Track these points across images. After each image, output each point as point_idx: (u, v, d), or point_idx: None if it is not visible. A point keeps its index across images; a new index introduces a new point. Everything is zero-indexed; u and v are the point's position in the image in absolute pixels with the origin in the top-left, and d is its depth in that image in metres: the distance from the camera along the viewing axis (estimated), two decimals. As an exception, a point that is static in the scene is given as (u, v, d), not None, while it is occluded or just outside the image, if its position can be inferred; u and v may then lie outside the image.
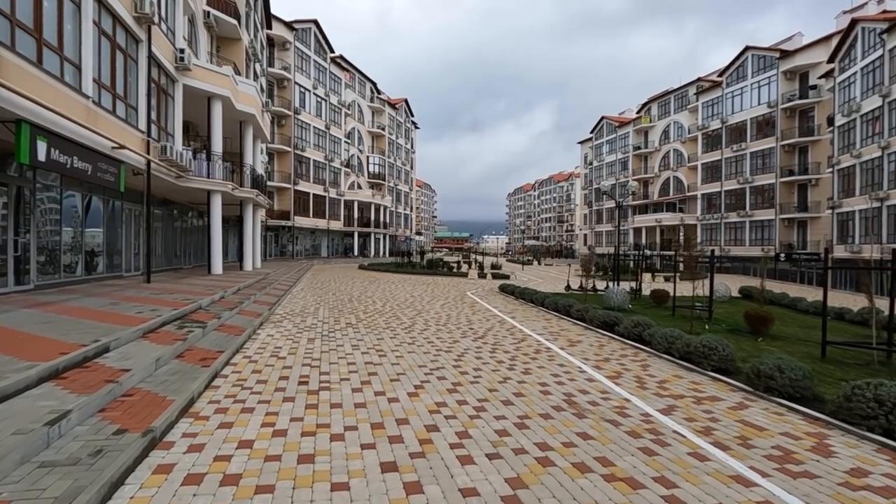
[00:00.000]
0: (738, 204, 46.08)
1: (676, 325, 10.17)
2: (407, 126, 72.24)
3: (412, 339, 8.58)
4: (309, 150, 44.75)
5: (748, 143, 44.86)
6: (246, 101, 19.61)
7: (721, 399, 5.43)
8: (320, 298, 14.57)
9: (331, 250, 51.25)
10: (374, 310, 12.29)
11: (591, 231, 72.63)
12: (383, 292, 17.15)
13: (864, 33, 32.14)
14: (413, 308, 12.92)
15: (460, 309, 13.04)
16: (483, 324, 10.47)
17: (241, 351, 7.07)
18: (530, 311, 13.00)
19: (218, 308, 9.58)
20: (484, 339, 8.78)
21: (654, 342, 7.74)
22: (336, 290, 17.25)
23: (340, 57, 51.45)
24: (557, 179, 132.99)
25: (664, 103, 58.31)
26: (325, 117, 47.53)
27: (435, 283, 22.86)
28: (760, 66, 43.87)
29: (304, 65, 44.37)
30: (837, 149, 35.23)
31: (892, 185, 28.97)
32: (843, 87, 34.55)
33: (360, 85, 57.83)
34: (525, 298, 14.85)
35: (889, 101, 29.13)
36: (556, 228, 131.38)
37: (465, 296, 16.85)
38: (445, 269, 31.70)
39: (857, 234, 32.74)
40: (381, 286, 19.77)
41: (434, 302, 14.58)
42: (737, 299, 17.05)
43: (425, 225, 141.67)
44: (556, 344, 8.41)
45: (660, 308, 13.64)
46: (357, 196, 52.58)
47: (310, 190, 44.97)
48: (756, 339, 8.99)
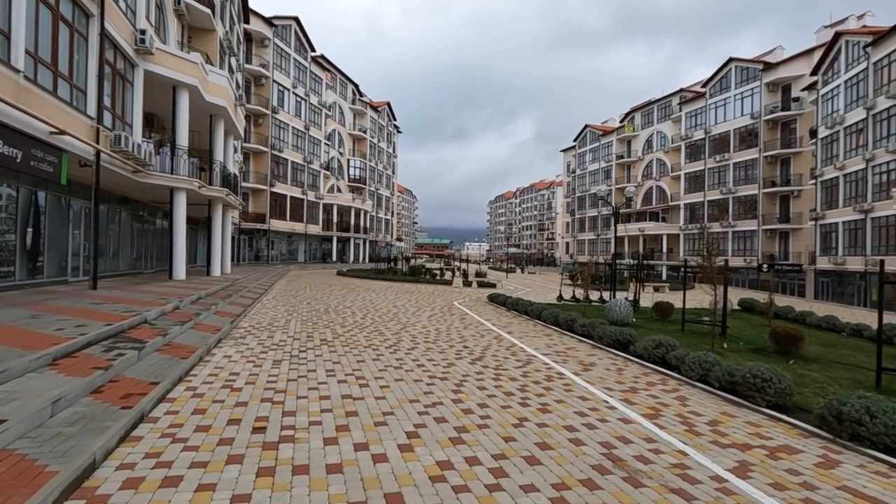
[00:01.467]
0: (721, 214, 46.05)
1: (689, 342, 9.11)
2: (389, 130, 70.92)
3: (399, 361, 7.25)
4: (287, 150, 43.01)
5: (731, 154, 44.95)
6: (216, 93, 18.05)
7: (798, 450, 4.27)
8: (293, 309, 13.10)
9: (308, 255, 49.37)
10: (354, 323, 10.91)
11: (574, 239, 72.30)
12: (363, 302, 15.75)
13: (847, 46, 32.29)
14: (397, 321, 11.57)
15: (450, 322, 11.75)
16: (478, 340, 9.21)
17: (185, 380, 5.63)
18: (527, 324, 11.79)
19: (167, 322, 8.09)
20: (482, 360, 7.52)
21: (684, 368, 6.59)
22: (311, 299, 15.77)
23: (322, 57, 49.93)
24: (539, 188, 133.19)
25: (647, 113, 58.42)
26: (304, 118, 45.87)
27: (418, 291, 21.53)
28: (743, 78, 44.08)
29: (283, 63, 42.73)
30: (820, 160, 35.30)
31: (877, 198, 28.92)
32: (826, 99, 34.67)
33: (342, 86, 56.34)
34: (518, 310, 13.65)
35: (874, 113, 29.17)
36: (537, 236, 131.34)
37: (452, 306, 15.57)
38: (428, 276, 30.39)
39: (841, 245, 32.68)
40: (361, 295, 18.35)
41: (420, 313, 13.27)
42: (737, 312, 16.19)
43: (406, 231, 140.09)
44: (567, 368, 7.19)
45: (664, 322, 12.62)
46: (337, 200, 50.92)
47: (287, 192, 43.18)
48: (787, 360, 7.96)
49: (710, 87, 47.45)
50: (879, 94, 28.61)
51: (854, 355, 8.83)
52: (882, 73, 28.71)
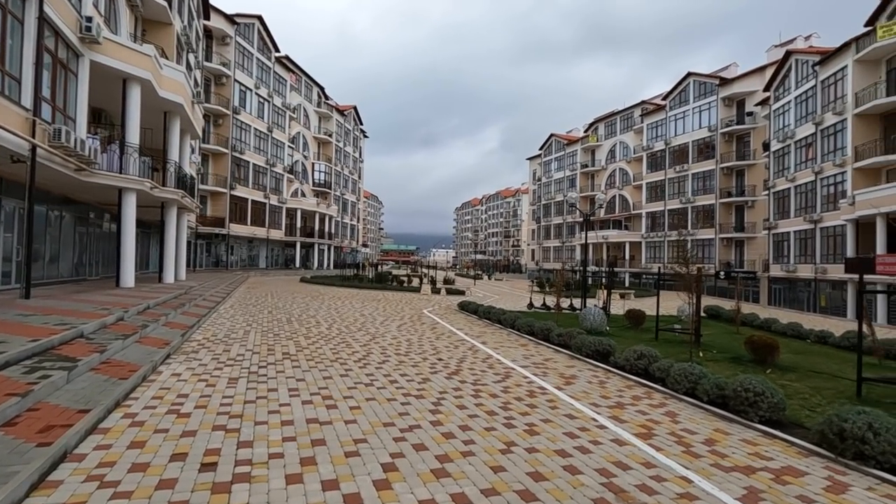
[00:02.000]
0: (681, 223, 47.49)
1: (665, 351, 8.95)
2: (356, 134, 69.89)
3: (369, 377, 6.69)
4: (248, 152, 41.49)
5: (690, 165, 46.49)
6: (171, 88, 16.97)
7: (803, 472, 4.01)
8: (253, 318, 12.26)
9: (270, 261, 47.71)
10: (319, 334, 10.23)
11: (539, 246, 73.09)
12: (329, 310, 15.02)
13: (797, 65, 33.97)
14: (365, 331, 10.96)
15: (421, 332, 11.24)
16: (452, 352, 8.75)
17: (123, 405, 4.90)
18: (500, 334, 11.42)
19: (108, 336, 7.23)
20: (459, 374, 7.05)
21: (669, 380, 6.34)
22: (273, 308, 14.91)
23: (286, 57, 48.63)
24: (505, 195, 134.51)
25: (610, 124, 59.87)
26: (267, 119, 44.45)
27: (386, 298, 20.89)
28: (701, 92, 45.78)
29: (245, 62, 41.30)
30: (773, 173, 36.90)
31: (825, 209, 30.37)
32: (778, 114, 36.33)
33: (307, 88, 55.07)
34: (491, 319, 13.28)
35: (822, 128, 30.69)
36: (503, 243, 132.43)
37: (422, 315, 15.06)
38: (396, 283, 29.76)
39: (793, 254, 34.15)
40: (326, 303, 17.57)
41: (389, 323, 12.69)
42: (704, 319, 16.36)
43: (371, 237, 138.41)
44: (548, 382, 6.82)
45: (637, 330, 12.53)
46: (301, 204, 49.52)
47: (248, 196, 41.60)
48: (764, 370, 7.88)
49: (670, 100, 49.05)
50: (827, 111, 30.14)
51: (827, 363, 8.89)
52: (829, 90, 30.28)
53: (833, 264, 29.50)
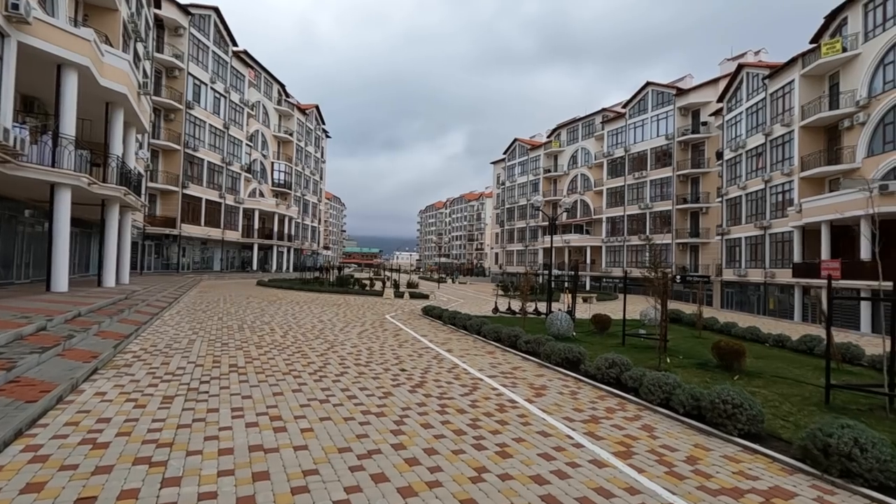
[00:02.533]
0: (640, 228, 48.76)
1: (632, 356, 8.80)
2: (317, 134, 68.26)
3: (325, 391, 6.11)
4: (203, 150, 39.57)
5: (648, 172, 47.80)
6: (115, 77, 15.72)
7: (792, 492, 3.76)
8: (200, 326, 11.35)
9: (226, 264, 45.69)
10: (272, 343, 9.50)
11: (503, 250, 73.51)
12: (285, 316, 14.20)
13: (748, 78, 35.46)
14: (324, 339, 10.30)
15: (383, 339, 10.67)
16: (416, 361, 8.25)
17: (26, 434, 4.13)
18: (466, 340, 11.01)
19: (23, 348, 6.33)
20: (424, 387, 6.57)
21: (642, 390, 6.08)
22: (224, 314, 13.96)
23: (244, 52, 46.86)
24: (469, 198, 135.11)
25: (573, 130, 60.93)
26: (223, 115, 42.60)
27: (347, 303, 20.14)
28: (659, 101, 47.20)
29: (200, 55, 39.44)
30: (726, 180, 38.35)
31: (774, 216, 31.73)
32: (730, 124, 37.81)
33: (267, 85, 53.29)
34: (456, 324, 12.87)
35: (771, 139, 32.09)
36: (467, 246, 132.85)
37: (384, 320, 14.47)
38: (358, 287, 28.94)
39: (744, 259, 35.53)
40: (283, 308, 16.68)
41: (349, 329, 12.05)
42: (666, 323, 16.54)
43: (333, 239, 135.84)
44: (518, 394, 6.44)
45: (603, 335, 12.41)
46: (259, 205, 47.73)
47: (202, 195, 39.66)
48: (732, 376, 7.80)
49: (630, 108, 50.36)
50: (776, 122, 31.54)
51: (788, 368, 8.95)
52: (778, 103, 31.72)
53: (781, 269, 30.78)
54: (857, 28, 26.41)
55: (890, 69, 24.36)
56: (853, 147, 26.27)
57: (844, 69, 27.17)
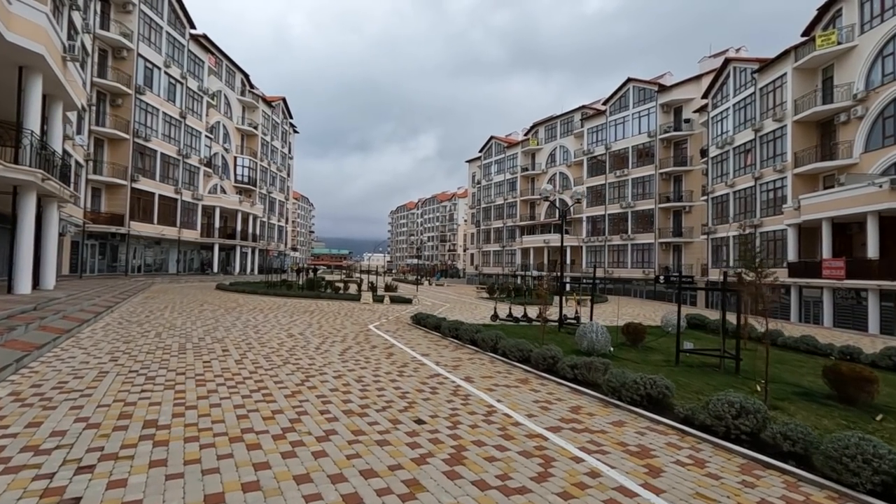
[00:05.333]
0: (621, 227, 47.57)
1: (701, 382, 6.66)
2: (284, 128, 64.52)
3: (304, 482, 3.61)
4: (156, 140, 35.77)
5: (630, 170, 46.63)
6: (27, 33, 12.62)
7: None
8: (128, 346, 8.55)
9: (183, 265, 41.80)
10: (223, 373, 6.87)
11: (479, 250, 71.51)
12: (245, 329, 11.45)
13: (735, 73, 34.48)
14: (295, 364, 7.71)
15: (375, 362, 8.17)
16: (432, 401, 5.80)
17: None
18: (482, 361, 8.62)
19: None
20: (464, 461, 4.10)
21: (818, 461, 3.82)
22: (167, 328, 11.12)
23: (204, 36, 43.07)
24: (441, 199, 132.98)
25: (551, 127, 59.50)
26: (180, 103, 38.82)
27: (320, 310, 17.41)
28: (641, 98, 46.11)
29: (152, 35, 35.65)
30: (711, 178, 37.37)
31: (765, 214, 30.71)
32: (716, 121, 36.81)
33: (229, 74, 49.49)
34: (461, 338, 10.45)
35: (761, 135, 31.06)
36: (439, 247, 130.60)
37: (369, 332, 11.92)
38: (331, 290, 26.10)
39: (732, 258, 34.50)
40: (244, 317, 13.87)
41: (328, 348, 9.48)
42: (689, 330, 14.64)
43: (302, 240, 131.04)
44: (622, 470, 4.08)
45: (639, 349, 10.27)
46: (220, 202, 43.99)
47: (155, 190, 35.85)
48: (870, 415, 5.68)
49: (610, 105, 49.15)
50: (766, 118, 30.51)
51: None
52: (768, 97, 30.70)
53: (774, 268, 29.61)
54: (852, 19, 25.49)
55: (889, 61, 23.44)
56: (850, 142, 25.30)
57: (839, 62, 26.24)
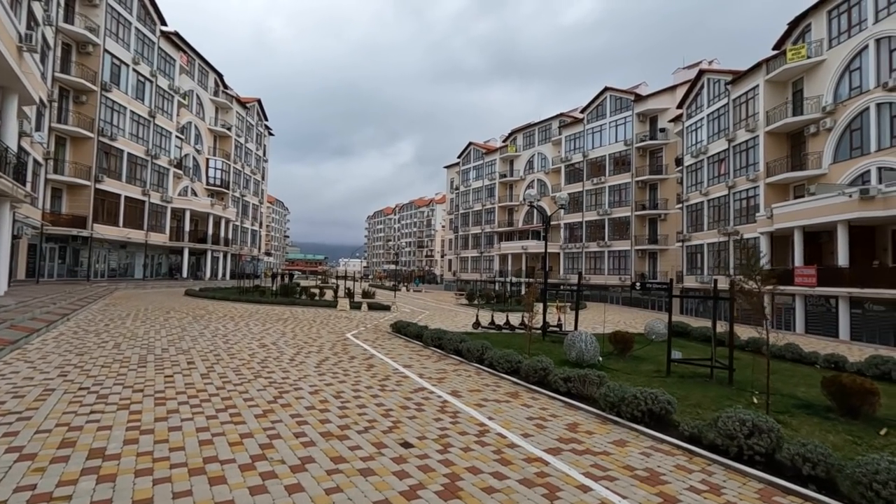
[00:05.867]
0: (598, 234, 47.98)
1: (696, 394, 6.40)
2: (259, 130, 63.11)
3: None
4: (123, 139, 34.31)
5: (607, 178, 47.14)
6: (-23, 19, 11.71)
7: None
8: (81, 360, 7.80)
9: (150, 270, 40.14)
10: (186, 389, 6.26)
11: (457, 256, 71.22)
12: (213, 339, 10.75)
13: (709, 84, 35.23)
14: (267, 378, 7.13)
15: (355, 375, 7.65)
16: (418, 419, 5.34)
17: None
18: (468, 373, 8.19)
19: None
20: (459, 493, 3.70)
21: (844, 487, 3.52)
22: (129, 337, 10.33)
23: (176, 34, 41.73)
24: (419, 205, 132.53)
25: (529, 134, 59.84)
26: (149, 102, 37.41)
27: (295, 317, 16.71)
28: (617, 107, 46.75)
29: (120, 31, 34.29)
30: (686, 187, 38.00)
31: (738, 222, 31.30)
32: (690, 130, 37.51)
33: (202, 73, 48.10)
34: (444, 348, 9.99)
35: (734, 145, 31.73)
36: (416, 253, 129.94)
37: (347, 342, 11.36)
38: (306, 296, 25.31)
39: (706, 265, 35.08)
40: (213, 326, 13.11)
41: (303, 359, 8.90)
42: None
43: (276, 245, 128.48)
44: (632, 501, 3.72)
45: (627, 359, 10.02)
46: (191, 204, 42.51)
47: (121, 191, 34.33)
48: (874, 429, 5.47)
49: (588, 113, 49.71)
50: (739, 128, 31.19)
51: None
52: (741, 108, 31.40)
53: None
54: (821, 35, 26.28)
55: (856, 75, 24.18)
56: (819, 153, 26.00)
57: (808, 75, 27.00)
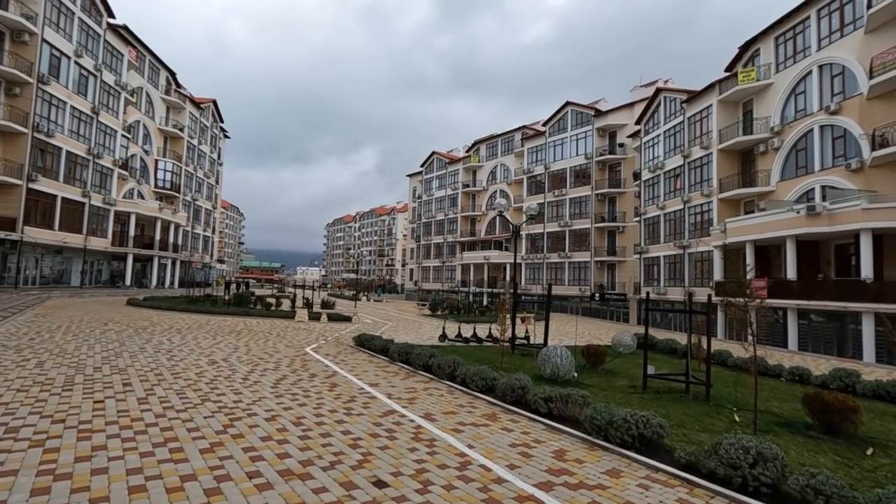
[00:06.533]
0: (559, 245, 48.69)
1: (678, 413, 6.17)
2: (214, 132, 60.57)
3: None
4: (61, 136, 31.86)
5: (568, 190, 48.05)
6: None
7: None
8: (-4, 381, 6.74)
9: (89, 278, 37.34)
10: (119, 419, 5.41)
11: (419, 266, 70.58)
12: (156, 355, 9.73)
13: (665, 101, 36.56)
14: (217, 402, 6.33)
15: (317, 397, 6.95)
16: (390, 451, 4.74)
17: None
18: (439, 392, 7.64)
19: None
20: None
21: None
22: (56, 354, 9.17)
23: (125, 27, 39.43)
24: (380, 213, 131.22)
25: (492, 145, 60.35)
26: (93, 98, 35.03)
27: (249, 329, 15.64)
28: (578, 121, 47.86)
29: (61, 20, 31.99)
30: (644, 200, 39.14)
31: (693, 235, 32.39)
32: (648, 146, 38.76)
33: (153, 70, 45.68)
34: (412, 363, 9.41)
35: (689, 161, 32.94)
36: (377, 262, 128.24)
37: (306, 357, 10.57)
38: (261, 306, 24.02)
39: (663, 277, 36.09)
40: (157, 340, 11.97)
41: (258, 377, 8.11)
42: (640, 352, 14.50)
43: (230, 252, 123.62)
44: None
45: (600, 372, 9.77)
46: (137, 208, 40.00)
47: (58, 192, 31.81)
48: (864, 451, 5.34)
49: (550, 126, 50.63)
50: (694, 145, 32.42)
51: (880, 422, 6.84)
52: (695, 126, 32.69)
53: (701, 287, 31.19)
54: (769, 59, 27.73)
55: (801, 98, 25.58)
56: (768, 171, 27.27)
57: (758, 97, 28.38)
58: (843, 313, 20.74)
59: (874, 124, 21.00)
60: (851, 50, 22.46)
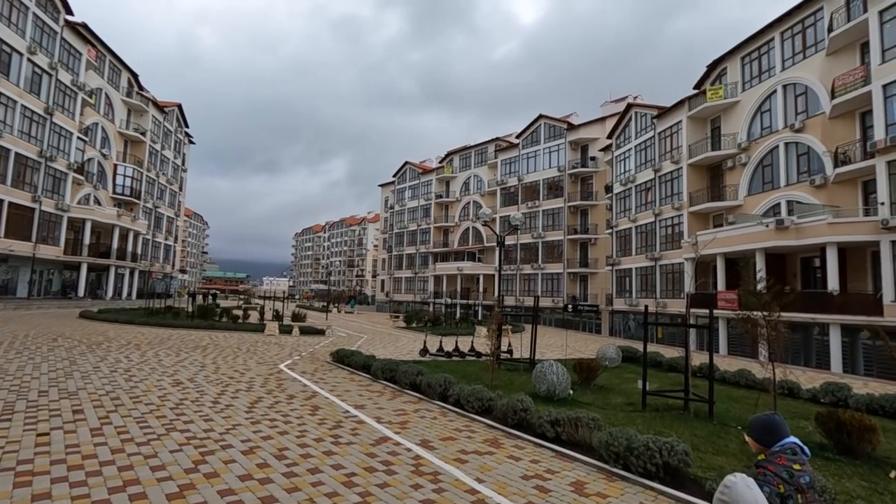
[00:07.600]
0: (532, 257, 48.82)
1: (676, 431, 5.82)
2: (179, 137, 58.28)
3: None
4: (10, 137, 29.77)
5: (541, 202, 48.35)
6: None
7: None
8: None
9: (38, 288, 34.86)
10: (66, 456, 4.59)
11: (390, 277, 69.57)
12: (112, 375, 8.77)
13: (637, 117, 37.35)
14: (184, 432, 5.57)
15: (298, 422, 6.27)
16: (391, 491, 4.14)
17: None
18: (431, 414, 7.07)
19: None
20: None
21: None
22: (-6, 376, 8.12)
23: (84, 25, 37.50)
24: (350, 223, 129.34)
25: (465, 157, 60.40)
26: (47, 97, 33.00)
27: (216, 344, 14.62)
28: (551, 134, 48.40)
29: (14, 15, 30.09)
30: (616, 213, 39.70)
31: (664, 247, 32.94)
32: (619, 159, 39.44)
33: (113, 71, 43.60)
34: (398, 382, 8.80)
35: (660, 175, 33.60)
36: (347, 272, 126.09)
37: (281, 375, 9.80)
38: (228, 319, 22.79)
39: (635, 288, 36.52)
40: (112, 357, 10.92)
41: (231, 400, 7.33)
42: (623, 365, 14.32)
43: (192, 261, 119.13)
44: None
45: (595, 390, 9.41)
46: (92, 214, 37.75)
47: (5, 196, 29.63)
48: (887, 473, 5.10)
49: (523, 138, 51.03)
50: (665, 159, 33.12)
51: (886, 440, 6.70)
52: (666, 141, 33.43)
53: (672, 298, 31.69)
54: (735, 77, 28.66)
55: (767, 116, 26.46)
56: (736, 185, 28.03)
57: (726, 114, 29.26)
58: (811, 324, 21.26)
59: (836, 142, 21.83)
60: (814, 71, 23.38)
